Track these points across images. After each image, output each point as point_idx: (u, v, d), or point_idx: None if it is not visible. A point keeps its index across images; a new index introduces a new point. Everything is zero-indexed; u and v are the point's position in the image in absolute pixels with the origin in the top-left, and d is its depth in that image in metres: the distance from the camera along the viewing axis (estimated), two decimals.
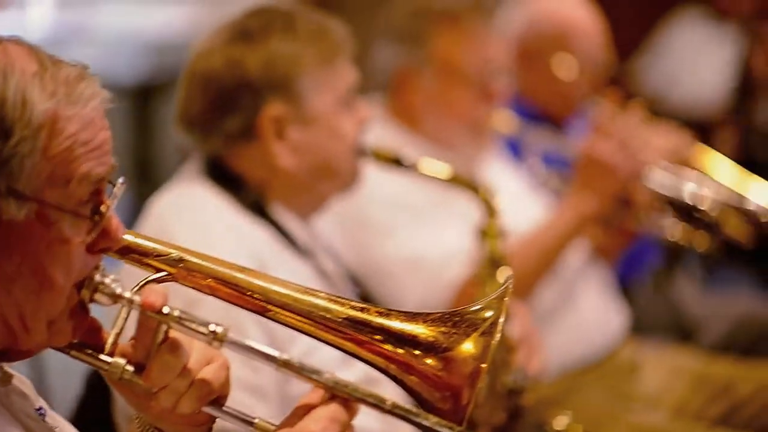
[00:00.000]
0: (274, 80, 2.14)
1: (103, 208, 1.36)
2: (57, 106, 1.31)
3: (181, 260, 1.45)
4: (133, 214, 2.25)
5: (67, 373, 2.14)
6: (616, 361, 3.16)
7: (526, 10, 3.62)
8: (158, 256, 1.45)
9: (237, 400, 1.73)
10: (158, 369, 1.37)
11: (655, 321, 3.73)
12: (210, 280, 1.45)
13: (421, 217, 2.89)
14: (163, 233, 1.95)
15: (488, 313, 1.43)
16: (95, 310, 1.41)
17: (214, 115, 2.16)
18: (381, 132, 2.44)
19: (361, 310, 1.45)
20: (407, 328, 1.44)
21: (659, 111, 5.54)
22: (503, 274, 2.43)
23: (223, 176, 2.19)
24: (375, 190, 2.74)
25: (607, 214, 3.03)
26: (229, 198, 2.17)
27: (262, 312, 1.46)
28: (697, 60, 6.38)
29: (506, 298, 1.43)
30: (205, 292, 1.46)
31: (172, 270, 1.44)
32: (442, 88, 2.98)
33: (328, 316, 1.45)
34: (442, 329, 1.43)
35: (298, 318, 1.46)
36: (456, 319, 1.44)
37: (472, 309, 1.44)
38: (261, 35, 2.15)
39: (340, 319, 1.45)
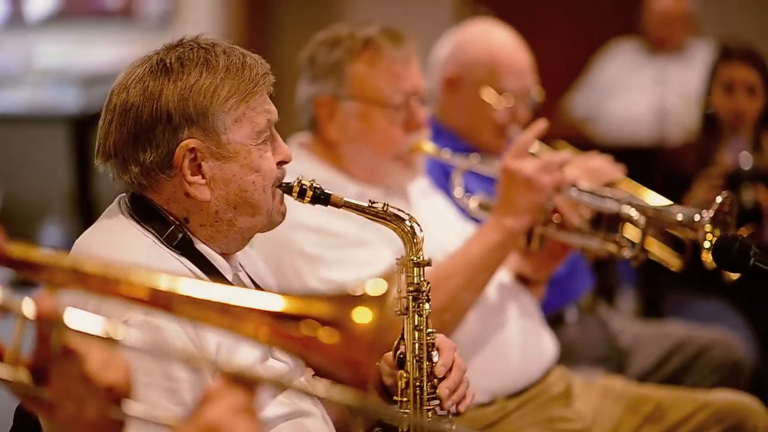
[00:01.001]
0: (190, 113, 2.15)
1: None
2: None
3: (74, 269, 1.48)
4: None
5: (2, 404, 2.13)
6: (547, 387, 3.16)
7: (454, 41, 3.67)
8: (51, 267, 1.47)
9: (155, 403, 1.75)
10: (58, 377, 1.41)
11: (585, 350, 3.75)
12: (106, 284, 1.48)
13: (353, 241, 2.92)
14: None
15: (379, 287, 1.49)
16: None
17: (131, 148, 2.17)
18: (305, 170, 2.45)
19: (258, 296, 1.50)
20: (302, 308, 1.49)
21: (589, 142, 5.63)
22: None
23: (145, 211, 2.20)
24: (304, 217, 2.76)
25: (531, 230, 3.04)
26: (152, 232, 2.18)
27: (166, 310, 1.49)
28: (629, 92, 6.47)
29: (394, 273, 1.50)
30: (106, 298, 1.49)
31: (67, 279, 1.47)
32: (362, 118, 3.02)
33: (227, 306, 1.49)
34: (336, 306, 1.49)
35: (201, 312, 1.49)
36: (349, 295, 1.50)
37: (363, 285, 1.51)
38: (178, 68, 2.16)
39: (237, 308, 1.49)
